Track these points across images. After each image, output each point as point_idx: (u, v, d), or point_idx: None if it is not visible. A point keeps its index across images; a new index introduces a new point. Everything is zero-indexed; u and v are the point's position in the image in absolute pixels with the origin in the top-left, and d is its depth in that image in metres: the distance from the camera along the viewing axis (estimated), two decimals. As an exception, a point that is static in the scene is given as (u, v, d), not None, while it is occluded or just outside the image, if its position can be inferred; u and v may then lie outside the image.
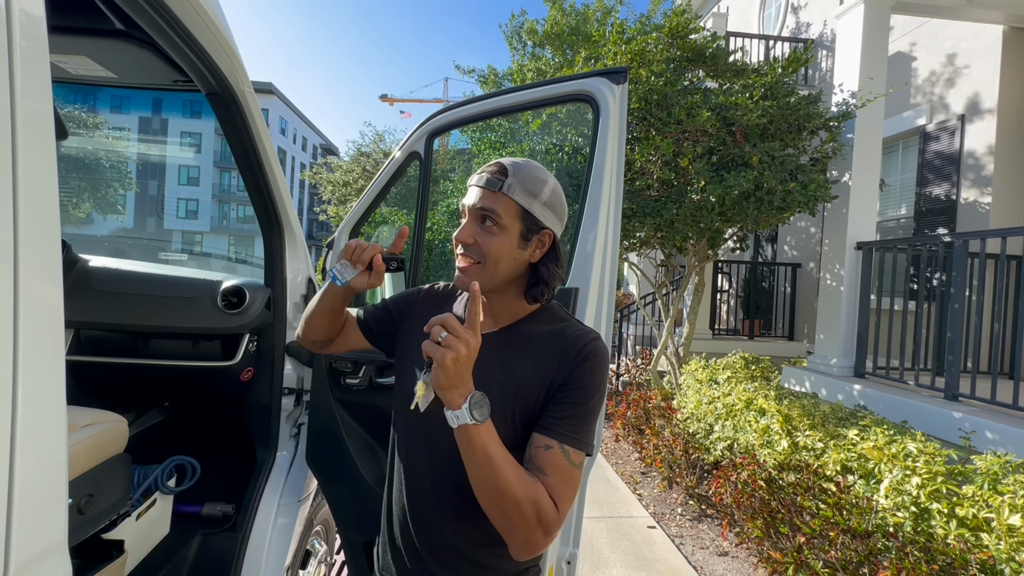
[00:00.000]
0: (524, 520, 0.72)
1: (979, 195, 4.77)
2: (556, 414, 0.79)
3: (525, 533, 0.73)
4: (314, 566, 1.95)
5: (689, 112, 3.82)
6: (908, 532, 2.06)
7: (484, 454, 0.71)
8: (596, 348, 0.84)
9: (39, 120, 0.56)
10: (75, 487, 1.02)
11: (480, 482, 0.73)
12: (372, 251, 0.91)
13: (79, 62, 1.33)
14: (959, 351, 3.15)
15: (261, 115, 1.42)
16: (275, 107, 40.86)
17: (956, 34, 5.00)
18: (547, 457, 0.76)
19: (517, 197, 0.84)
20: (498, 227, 0.83)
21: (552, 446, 0.77)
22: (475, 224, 0.85)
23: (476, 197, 0.85)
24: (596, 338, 0.86)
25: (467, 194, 0.88)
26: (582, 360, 0.82)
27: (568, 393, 0.81)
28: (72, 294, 1.57)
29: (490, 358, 0.82)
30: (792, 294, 6.89)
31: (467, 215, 0.87)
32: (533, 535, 0.73)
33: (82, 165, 8.46)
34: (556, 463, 0.76)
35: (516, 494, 0.71)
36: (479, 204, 0.84)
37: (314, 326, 1.02)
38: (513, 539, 0.75)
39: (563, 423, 0.79)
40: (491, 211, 0.83)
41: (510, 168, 0.85)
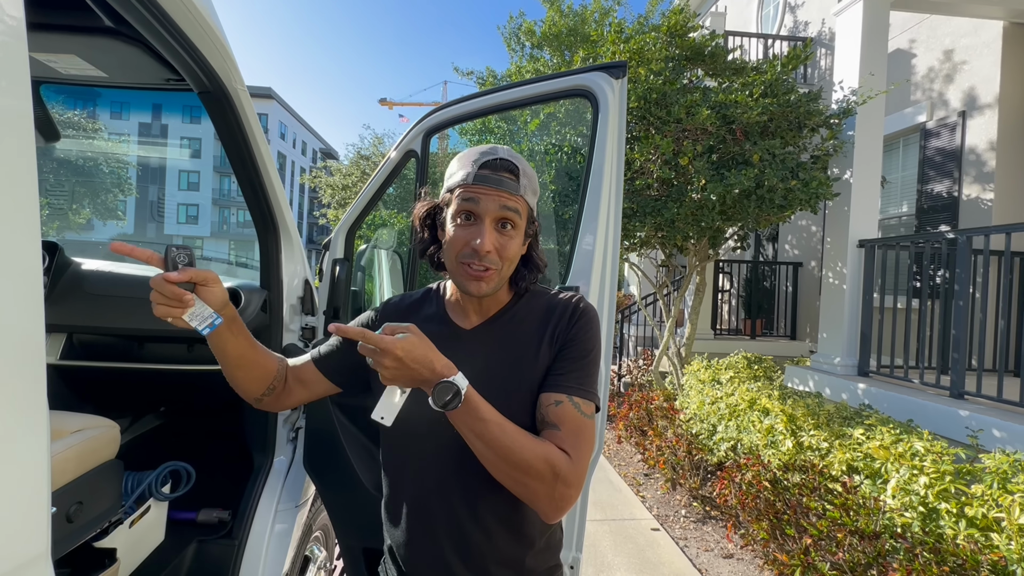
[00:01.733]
0: (541, 479, 0.73)
1: (981, 191, 4.74)
2: (560, 371, 0.81)
3: (546, 492, 0.74)
4: (313, 572, 1.92)
5: (688, 110, 3.80)
6: (917, 533, 2.03)
7: (481, 427, 0.71)
8: (587, 306, 0.87)
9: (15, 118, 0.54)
10: (64, 495, 1.00)
11: (486, 454, 0.73)
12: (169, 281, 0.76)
13: (68, 61, 1.31)
14: (964, 349, 3.11)
15: (255, 114, 1.40)
16: (274, 112, 40.94)
17: (955, 30, 4.98)
18: (558, 412, 0.78)
19: (528, 198, 0.83)
20: (515, 230, 0.81)
21: (562, 400, 0.78)
22: (494, 230, 0.79)
23: (494, 201, 0.78)
24: (582, 298, 0.89)
25: (468, 191, 0.79)
26: (577, 318, 0.85)
27: (569, 350, 0.83)
28: (65, 297, 1.54)
29: (487, 347, 0.84)
30: (794, 293, 6.86)
31: (480, 218, 0.79)
32: (555, 491, 0.73)
33: (82, 170, 8.45)
34: (567, 415, 0.78)
35: (525, 456, 0.72)
36: (503, 208, 0.79)
37: (238, 383, 0.92)
38: (538, 502, 0.75)
39: (568, 377, 0.80)
40: (513, 215, 0.80)
41: (519, 168, 0.81)
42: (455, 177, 0.82)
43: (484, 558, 0.83)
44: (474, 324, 0.87)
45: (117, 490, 1.18)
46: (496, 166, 0.79)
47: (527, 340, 0.85)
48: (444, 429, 0.79)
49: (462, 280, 0.81)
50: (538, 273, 0.89)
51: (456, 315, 0.89)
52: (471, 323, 0.88)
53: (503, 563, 0.85)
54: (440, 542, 0.83)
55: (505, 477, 0.74)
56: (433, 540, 0.84)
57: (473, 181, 0.79)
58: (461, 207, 0.80)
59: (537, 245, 0.89)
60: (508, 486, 0.75)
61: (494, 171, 0.79)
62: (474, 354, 0.84)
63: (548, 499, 0.74)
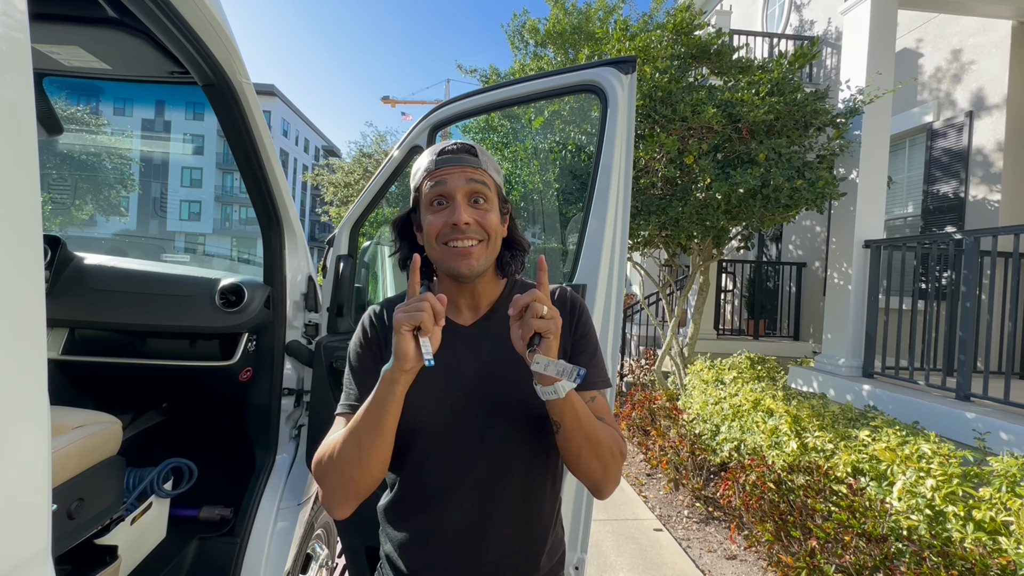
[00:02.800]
0: (616, 460, 0.80)
1: (988, 192, 4.71)
2: (585, 365, 0.84)
3: (616, 471, 0.81)
4: (315, 570, 1.91)
5: (694, 109, 3.77)
6: (924, 536, 2.01)
7: (585, 412, 0.75)
8: (579, 298, 0.91)
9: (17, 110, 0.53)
10: (65, 491, 0.98)
11: (585, 442, 0.76)
12: (431, 300, 0.71)
13: (72, 53, 1.30)
14: (971, 350, 3.09)
15: (259, 107, 1.38)
16: (277, 109, 40.94)
17: (963, 30, 4.94)
18: (596, 407, 0.83)
19: (492, 173, 0.85)
20: (487, 203, 0.82)
21: (596, 396, 0.84)
22: (467, 204, 0.81)
23: (460, 175, 0.80)
24: (569, 289, 0.92)
25: (433, 177, 0.81)
26: (579, 312, 0.89)
27: (583, 343, 0.87)
28: (67, 292, 1.53)
29: (490, 342, 0.85)
30: (797, 294, 6.83)
31: (451, 196, 0.80)
32: (619, 470, 0.82)
33: (85, 166, 8.44)
34: (603, 407, 0.84)
35: (609, 443, 0.79)
36: (470, 180, 0.81)
37: (378, 463, 0.76)
38: (608, 482, 0.81)
39: (593, 371, 0.85)
40: (482, 185, 0.82)
41: (477, 148, 0.84)
42: (419, 173, 0.84)
43: (497, 556, 0.82)
44: (470, 320, 0.88)
45: (119, 487, 1.17)
46: (454, 149, 0.83)
47: None
48: (463, 425, 0.80)
49: (450, 263, 0.80)
50: (523, 255, 0.91)
51: (451, 312, 0.88)
52: (468, 319, 0.88)
53: (515, 561, 0.84)
54: (451, 541, 0.82)
55: (593, 459, 0.78)
56: (444, 539, 0.83)
57: (435, 166, 0.82)
58: (431, 194, 0.81)
59: (517, 227, 0.91)
60: (590, 468, 0.79)
61: (452, 153, 0.82)
62: (478, 350, 0.85)
63: (615, 477, 0.82)
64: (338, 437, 0.77)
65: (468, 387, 0.83)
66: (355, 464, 0.75)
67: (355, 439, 0.74)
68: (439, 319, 0.70)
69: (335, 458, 0.76)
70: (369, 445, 0.74)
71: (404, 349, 0.70)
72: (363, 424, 0.74)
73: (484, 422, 0.82)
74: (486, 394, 0.82)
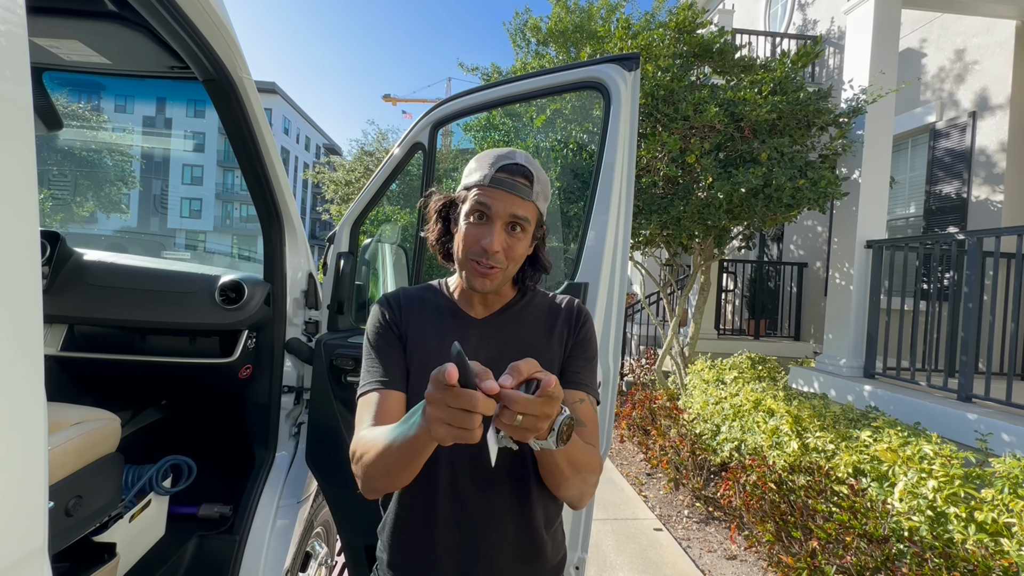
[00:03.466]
0: (593, 481, 0.81)
1: (991, 193, 4.69)
2: (577, 369, 0.88)
3: (592, 486, 0.82)
4: (314, 568, 1.90)
5: (696, 108, 3.76)
6: (926, 537, 2.00)
7: (568, 456, 0.73)
8: (585, 310, 0.94)
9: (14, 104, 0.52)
10: (63, 488, 0.98)
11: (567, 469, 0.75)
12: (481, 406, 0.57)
13: (71, 47, 1.29)
14: (973, 351, 3.08)
15: (260, 103, 1.37)
16: (278, 107, 40.91)
17: (967, 30, 4.92)
18: (582, 410, 0.84)
19: (540, 204, 0.86)
20: (523, 232, 0.84)
21: (584, 399, 0.85)
22: (503, 232, 0.82)
23: (507, 204, 0.81)
24: (578, 301, 0.96)
25: (482, 194, 0.81)
26: (584, 321, 0.91)
27: (581, 348, 0.89)
28: (66, 288, 1.53)
29: (499, 334, 0.88)
30: (798, 294, 6.82)
31: (491, 219, 0.81)
32: (596, 484, 0.83)
33: (86, 163, 8.43)
34: (589, 413, 0.85)
35: (589, 463, 0.78)
36: (513, 212, 0.81)
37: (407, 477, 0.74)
38: (584, 499, 0.82)
39: (585, 375, 0.88)
40: (523, 220, 0.82)
41: (534, 174, 0.84)
42: (472, 176, 0.84)
43: (496, 555, 0.82)
44: (483, 314, 0.90)
45: (117, 484, 1.16)
46: (512, 171, 0.82)
47: (536, 332, 0.90)
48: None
49: (469, 275, 0.83)
50: (543, 273, 0.93)
51: (464, 304, 0.91)
52: (480, 313, 0.91)
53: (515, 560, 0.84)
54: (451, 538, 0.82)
55: (574, 486, 0.78)
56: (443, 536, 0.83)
57: (489, 183, 0.81)
58: (475, 207, 0.82)
59: (544, 247, 0.92)
60: (566, 488, 0.78)
61: (510, 175, 0.82)
62: (487, 340, 0.88)
63: (591, 493, 0.82)
64: (368, 448, 0.73)
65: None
66: (383, 480, 0.74)
67: (384, 467, 0.71)
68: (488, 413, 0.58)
69: (366, 466, 0.74)
70: (398, 476, 0.72)
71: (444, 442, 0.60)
72: (394, 459, 0.69)
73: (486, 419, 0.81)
74: None
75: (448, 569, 0.82)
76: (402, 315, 0.89)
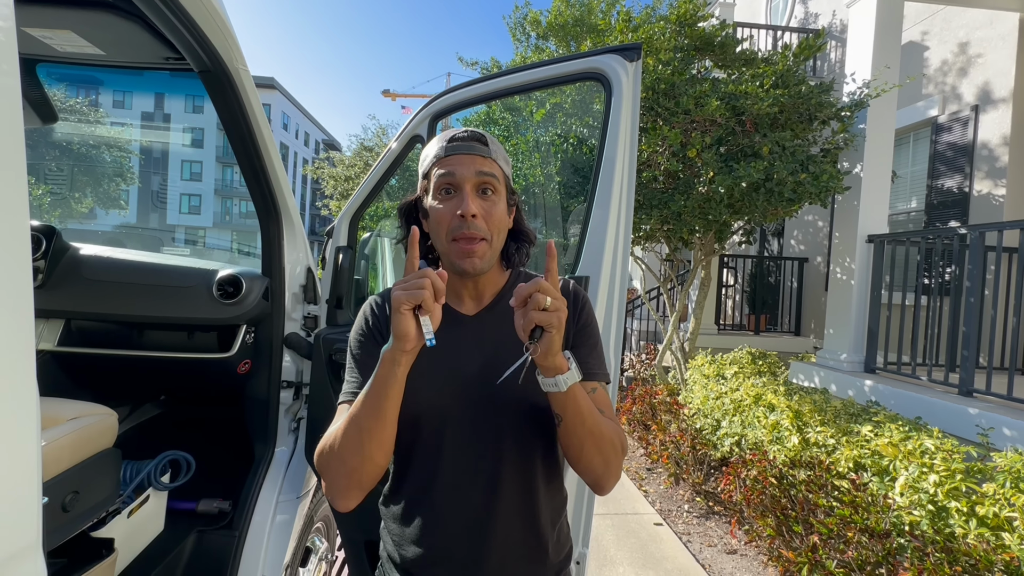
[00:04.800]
0: (617, 455, 0.79)
1: (993, 187, 4.67)
2: (585, 357, 0.84)
3: (617, 465, 0.80)
4: (315, 563, 1.90)
5: (697, 101, 3.73)
6: (927, 531, 2.00)
7: (587, 406, 0.74)
8: (582, 291, 0.90)
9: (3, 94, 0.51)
10: (58, 484, 0.97)
11: (587, 436, 0.75)
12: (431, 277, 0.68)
13: (64, 37, 1.27)
14: (974, 346, 3.07)
15: (257, 96, 1.36)
16: (277, 102, 40.74)
17: (970, 22, 4.89)
18: (597, 398, 0.82)
19: (501, 163, 0.83)
20: (496, 195, 0.81)
21: (596, 387, 0.84)
22: (476, 196, 0.79)
23: (469, 165, 0.79)
24: (572, 282, 0.92)
25: (443, 165, 0.80)
26: (582, 304, 0.88)
27: (585, 336, 0.86)
28: (62, 283, 1.51)
29: (494, 332, 0.84)
30: (799, 289, 6.80)
31: (459, 186, 0.78)
32: (620, 464, 0.81)
33: (85, 159, 8.40)
34: (604, 399, 0.84)
35: (611, 437, 0.77)
36: (479, 170, 0.79)
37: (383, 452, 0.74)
38: (609, 477, 0.80)
39: (593, 363, 0.85)
40: (491, 177, 0.80)
41: (486, 136, 0.82)
42: (427, 160, 0.83)
43: (502, 549, 0.81)
44: (474, 310, 0.87)
45: (115, 479, 1.16)
46: (464, 137, 0.81)
47: None
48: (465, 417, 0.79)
49: (455, 259, 0.79)
50: (529, 246, 0.90)
51: (454, 302, 0.87)
52: (471, 309, 0.87)
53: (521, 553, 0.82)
54: (454, 532, 0.81)
55: (595, 454, 0.77)
56: (447, 531, 0.81)
57: (445, 154, 0.80)
58: (439, 183, 0.80)
59: (523, 218, 0.89)
60: (592, 463, 0.77)
61: (463, 141, 0.80)
62: (481, 340, 0.84)
63: (616, 472, 0.80)
64: (339, 425, 0.74)
65: (471, 378, 0.81)
66: (356, 452, 0.72)
67: (356, 425, 0.72)
68: (439, 296, 0.68)
69: (336, 448, 0.73)
70: (370, 430, 0.71)
71: (404, 328, 0.67)
72: (364, 409, 0.71)
73: (486, 414, 0.80)
74: (486, 387, 0.80)
75: (457, 570, 0.81)
76: (386, 321, 0.84)
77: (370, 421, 0.71)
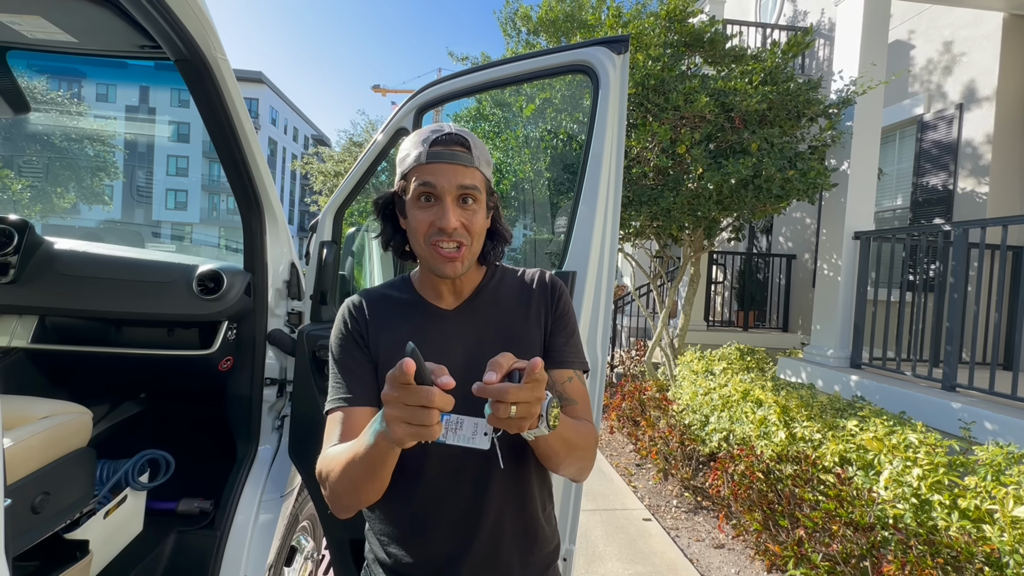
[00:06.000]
0: (591, 454, 0.81)
1: (976, 184, 4.74)
2: (561, 345, 0.85)
3: (591, 461, 0.82)
4: (300, 562, 1.88)
5: (687, 97, 3.73)
6: (910, 524, 2.02)
7: (562, 432, 0.72)
8: (557, 279, 0.91)
9: None
10: (28, 485, 0.94)
11: (562, 450, 0.74)
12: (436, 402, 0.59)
13: (33, 23, 1.23)
14: (957, 341, 3.11)
15: (237, 86, 1.32)
16: (265, 97, 40.22)
17: (955, 22, 4.94)
18: (572, 388, 0.83)
19: (483, 169, 0.81)
20: (476, 204, 0.80)
21: (572, 376, 0.84)
22: (456, 206, 0.77)
23: (451, 176, 0.76)
24: (548, 271, 0.92)
25: (423, 174, 0.76)
26: (559, 294, 0.88)
27: (561, 324, 0.87)
28: (36, 278, 1.47)
29: (475, 325, 0.84)
30: (787, 285, 6.87)
31: (440, 197, 0.76)
32: (593, 459, 0.83)
33: (67, 153, 8.22)
34: (579, 389, 0.84)
35: (584, 442, 0.78)
36: (460, 183, 0.77)
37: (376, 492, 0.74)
38: (583, 472, 0.82)
39: (569, 352, 0.86)
40: (472, 188, 0.78)
41: (470, 140, 0.80)
42: (408, 160, 0.80)
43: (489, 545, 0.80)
44: (453, 304, 0.86)
45: (89, 479, 1.13)
46: (447, 141, 0.78)
47: (512, 315, 0.86)
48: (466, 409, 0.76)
49: (434, 263, 0.79)
50: (504, 245, 0.89)
51: (432, 298, 0.86)
52: (450, 304, 0.86)
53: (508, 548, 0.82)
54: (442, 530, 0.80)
55: (571, 464, 0.78)
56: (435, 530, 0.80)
57: (427, 160, 0.77)
58: (419, 190, 0.77)
59: (500, 217, 0.89)
60: (565, 467, 0.78)
61: (445, 147, 0.77)
62: (463, 334, 0.84)
63: (590, 467, 0.82)
64: (333, 465, 0.72)
65: (454, 374, 0.78)
66: (352, 495, 0.73)
67: (350, 482, 0.71)
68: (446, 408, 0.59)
69: (331, 484, 0.73)
70: (365, 487, 0.71)
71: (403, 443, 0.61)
72: (358, 468, 0.68)
73: (470, 411, 0.78)
74: (471, 381, 0.79)
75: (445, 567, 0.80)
76: (367, 322, 0.84)
77: (364, 481, 0.70)
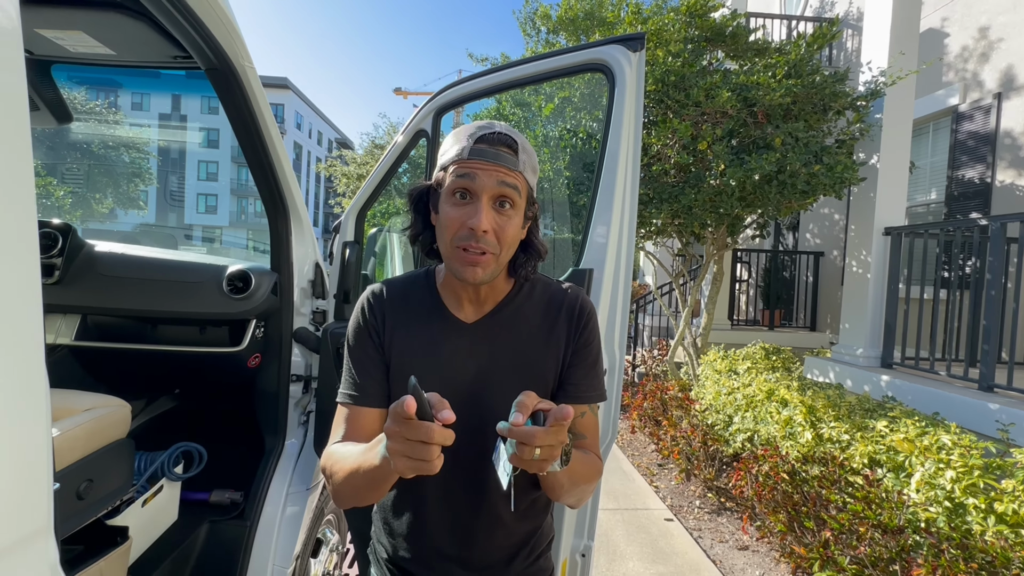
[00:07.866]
0: (593, 487, 0.80)
1: (1016, 177, 4.54)
2: (579, 379, 0.82)
3: (591, 494, 0.82)
4: (326, 554, 1.93)
5: (708, 93, 3.68)
6: (943, 528, 1.96)
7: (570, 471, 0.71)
8: (589, 305, 0.86)
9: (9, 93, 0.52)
10: (73, 472, 1.00)
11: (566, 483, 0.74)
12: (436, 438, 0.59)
13: (76, 38, 1.30)
14: (995, 340, 2.99)
15: (263, 93, 1.37)
16: (290, 102, 41.14)
17: (992, 8, 4.74)
18: (584, 423, 0.81)
19: (528, 175, 0.77)
20: (513, 209, 0.75)
21: (586, 411, 0.82)
22: (491, 208, 0.73)
23: (492, 176, 0.72)
24: (582, 292, 0.87)
25: (463, 167, 0.73)
26: (586, 321, 0.84)
27: (583, 355, 0.83)
28: (78, 279, 1.55)
29: (491, 342, 0.81)
30: (814, 283, 6.69)
31: (476, 195, 0.72)
32: (593, 490, 0.84)
33: (104, 160, 8.59)
34: (591, 424, 0.82)
35: (592, 478, 0.78)
36: (501, 182, 0.72)
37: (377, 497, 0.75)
38: (582, 503, 0.82)
39: (587, 385, 0.83)
40: (512, 190, 0.73)
41: (518, 143, 0.75)
42: (449, 153, 0.76)
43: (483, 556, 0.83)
44: (474, 317, 0.82)
45: (128, 469, 1.19)
46: (493, 140, 0.74)
47: (532, 340, 0.82)
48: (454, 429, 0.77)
49: (457, 266, 0.74)
50: (538, 260, 0.83)
51: (453, 306, 0.82)
52: (470, 315, 0.82)
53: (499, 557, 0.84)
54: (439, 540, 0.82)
55: (574, 497, 0.78)
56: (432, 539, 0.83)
57: (468, 156, 0.73)
58: (455, 184, 0.73)
59: (537, 230, 0.83)
60: (565, 498, 0.78)
61: (491, 145, 0.73)
62: (478, 349, 0.81)
63: (589, 496, 0.82)
64: (337, 468, 0.73)
65: (462, 390, 0.78)
66: (353, 499, 0.74)
67: (352, 488, 0.71)
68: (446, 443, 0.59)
69: (334, 484, 0.74)
70: (366, 497, 0.73)
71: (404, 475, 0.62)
72: (361, 482, 0.69)
73: (475, 427, 0.77)
74: (480, 399, 0.78)
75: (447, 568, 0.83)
76: (385, 317, 0.82)
77: (366, 491, 0.71)
